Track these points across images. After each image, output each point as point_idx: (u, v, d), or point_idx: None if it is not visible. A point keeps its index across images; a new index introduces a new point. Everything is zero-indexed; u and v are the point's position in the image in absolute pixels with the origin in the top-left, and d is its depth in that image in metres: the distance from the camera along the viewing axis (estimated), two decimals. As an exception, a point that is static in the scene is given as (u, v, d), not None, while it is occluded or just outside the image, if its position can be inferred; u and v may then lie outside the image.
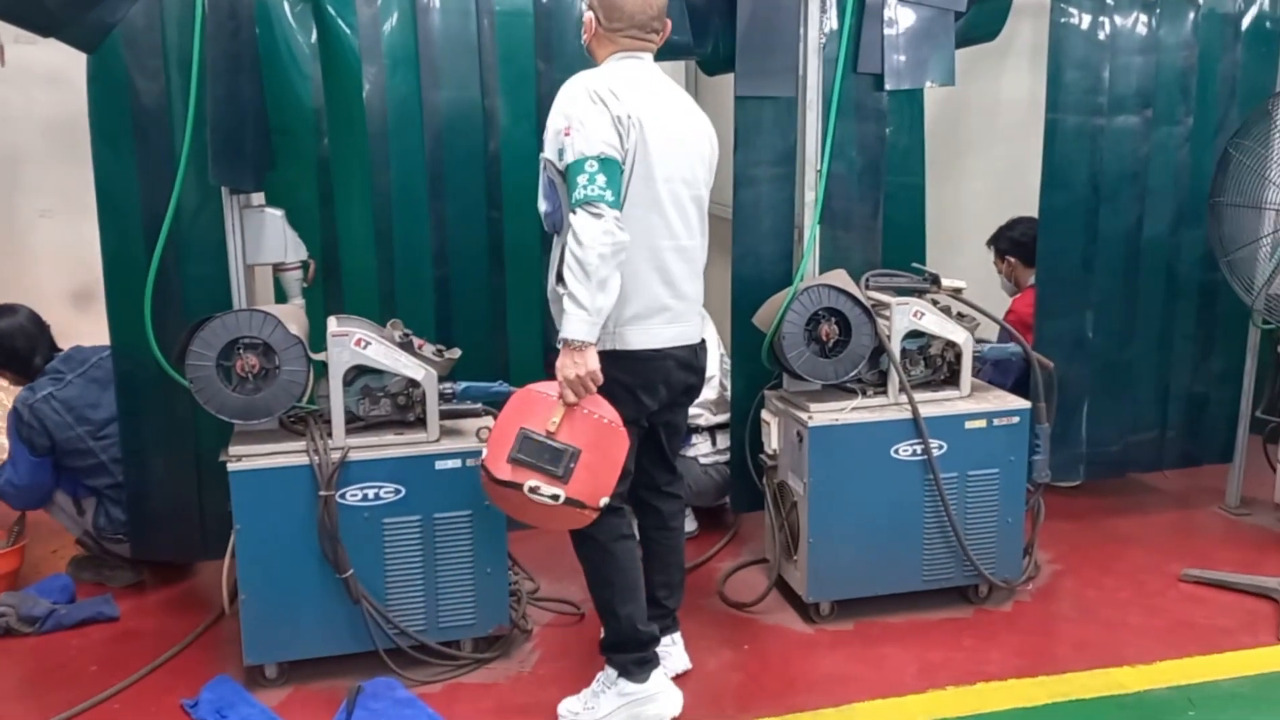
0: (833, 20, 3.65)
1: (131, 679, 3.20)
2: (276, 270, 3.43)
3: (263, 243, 3.34)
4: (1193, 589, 3.78)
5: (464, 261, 3.67)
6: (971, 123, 5.27)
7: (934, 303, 3.62)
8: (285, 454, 3.07)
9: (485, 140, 3.61)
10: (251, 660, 3.14)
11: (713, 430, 4.23)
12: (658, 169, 2.80)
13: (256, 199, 3.42)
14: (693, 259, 2.95)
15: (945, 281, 3.66)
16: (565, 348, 2.70)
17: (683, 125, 2.89)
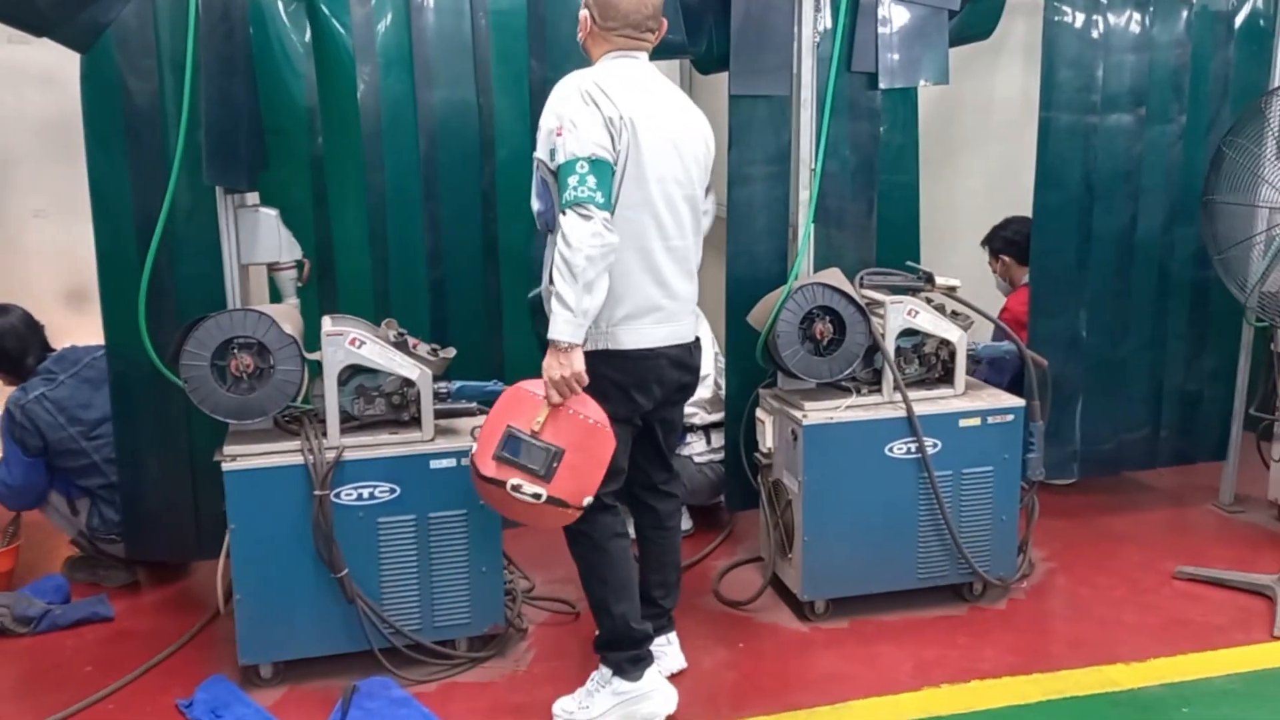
0: (826, 19, 3.65)
1: (126, 679, 3.20)
2: (271, 270, 3.42)
3: (257, 242, 3.34)
4: (1187, 586, 3.79)
5: (458, 260, 3.67)
6: (965, 121, 5.28)
7: (928, 301, 3.63)
8: (280, 454, 3.07)
9: (480, 139, 3.61)
10: (246, 660, 3.14)
11: (707, 429, 4.23)
12: (650, 170, 2.80)
13: (251, 199, 3.41)
14: (685, 259, 2.96)
15: (939, 280, 3.66)
16: (551, 348, 2.71)
17: (676, 125, 2.89)
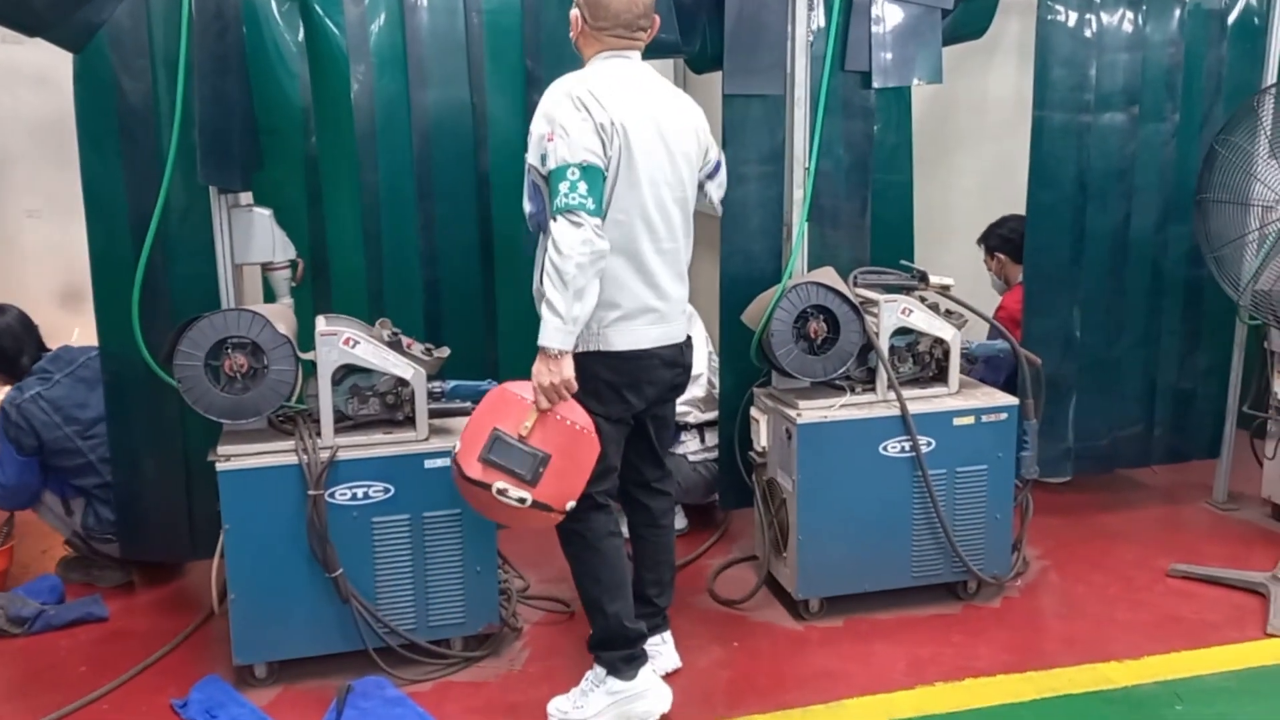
0: (820, 18, 3.66)
1: (121, 679, 3.20)
2: (265, 270, 3.42)
3: (251, 242, 3.34)
4: (1180, 584, 3.80)
5: (452, 260, 3.67)
6: (959, 120, 5.28)
7: (922, 300, 3.63)
8: (274, 453, 3.07)
9: (474, 139, 3.61)
10: (241, 660, 3.14)
11: (701, 427, 4.23)
12: (642, 174, 2.80)
13: (244, 198, 3.42)
14: (676, 261, 2.96)
15: (933, 278, 3.67)
16: (541, 355, 2.72)
17: (668, 125, 2.88)
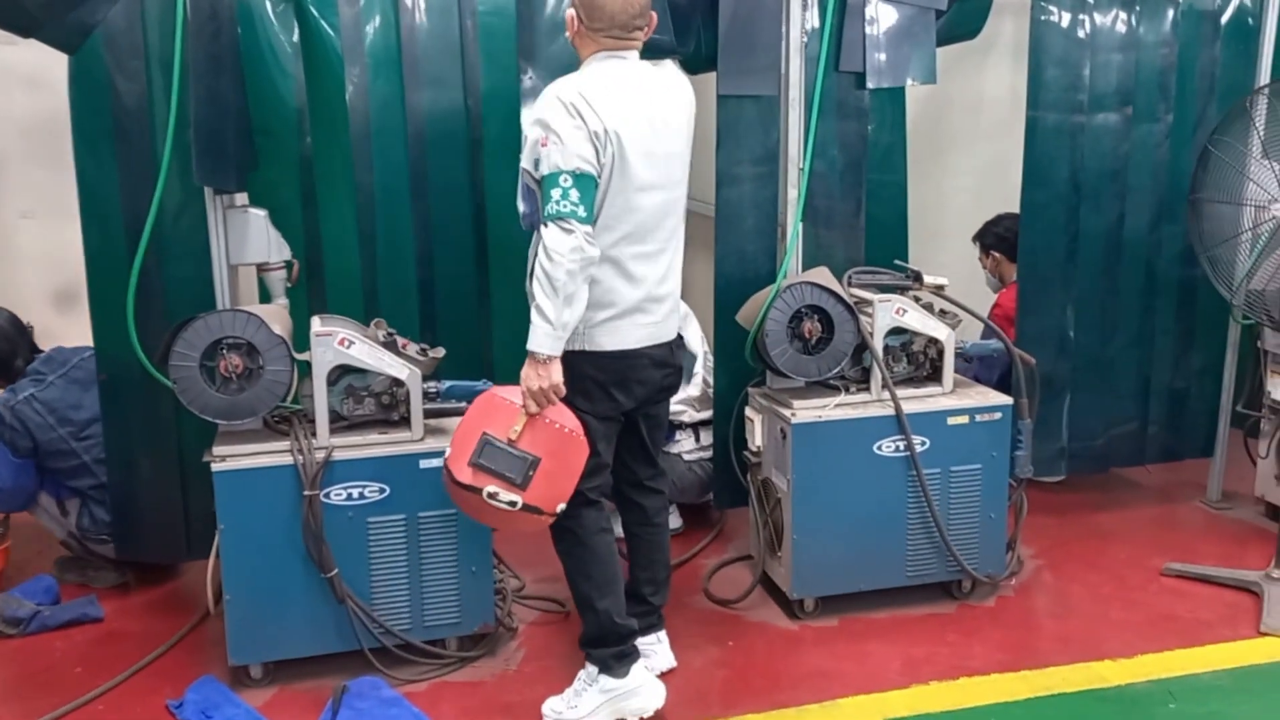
0: (814, 18, 3.66)
1: (116, 680, 3.20)
2: (260, 270, 3.42)
3: (246, 243, 3.34)
4: (1174, 583, 3.80)
5: (447, 261, 3.67)
6: (953, 120, 5.30)
7: (916, 300, 3.63)
8: (269, 454, 3.07)
9: (468, 140, 3.61)
10: (236, 660, 3.14)
11: (696, 427, 4.23)
12: (633, 179, 2.81)
13: (239, 199, 3.42)
14: (667, 261, 2.96)
15: (928, 278, 3.67)
16: (530, 359, 2.73)
17: (662, 126, 2.88)
